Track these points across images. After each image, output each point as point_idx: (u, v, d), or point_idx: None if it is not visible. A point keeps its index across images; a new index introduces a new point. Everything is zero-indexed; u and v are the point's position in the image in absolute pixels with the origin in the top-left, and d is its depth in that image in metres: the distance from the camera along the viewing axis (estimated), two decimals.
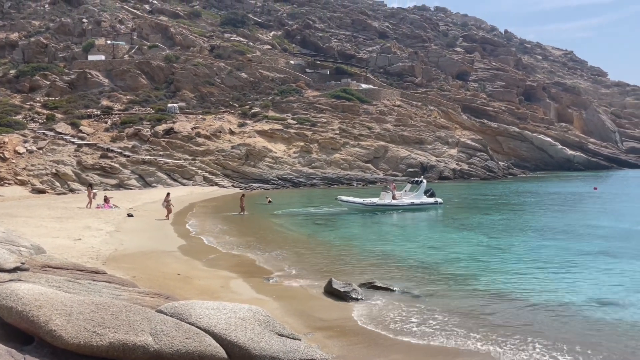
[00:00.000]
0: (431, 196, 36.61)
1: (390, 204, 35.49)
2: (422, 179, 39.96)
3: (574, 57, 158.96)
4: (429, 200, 36.40)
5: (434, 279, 16.02)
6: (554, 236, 23.95)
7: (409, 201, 36.16)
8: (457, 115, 76.66)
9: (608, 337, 11.11)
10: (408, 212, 34.81)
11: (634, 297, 13.96)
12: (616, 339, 10.99)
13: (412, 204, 35.93)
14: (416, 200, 36.27)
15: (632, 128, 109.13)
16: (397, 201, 35.89)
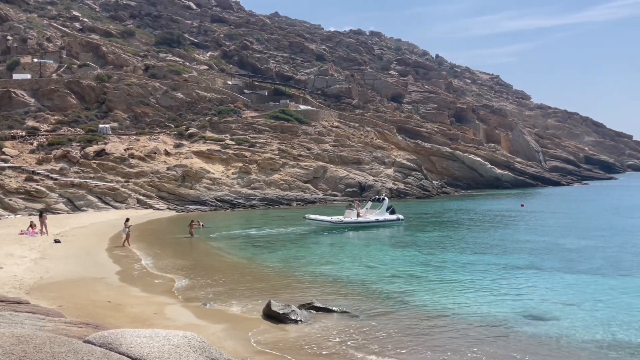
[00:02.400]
0: (392, 213, 37.79)
1: (356, 221, 36.30)
2: (384, 196, 41.17)
3: (500, 81, 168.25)
4: (391, 217, 37.58)
5: (372, 298, 16.20)
6: (486, 251, 24.92)
7: (373, 218, 37.12)
8: (393, 136, 78.77)
9: (542, 353, 11.61)
10: (372, 229, 35.74)
11: (557, 309, 14.70)
12: (550, 353, 11.52)
13: (376, 220, 36.84)
14: (380, 217, 37.15)
15: (554, 148, 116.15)
16: (362, 218, 36.75)
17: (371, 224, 36.63)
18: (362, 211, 37.41)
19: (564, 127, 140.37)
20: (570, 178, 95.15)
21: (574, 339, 12.15)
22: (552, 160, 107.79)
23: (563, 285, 17.52)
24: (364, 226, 36.32)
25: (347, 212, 36.79)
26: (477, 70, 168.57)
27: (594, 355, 11.10)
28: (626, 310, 14.32)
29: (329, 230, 34.64)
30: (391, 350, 11.42)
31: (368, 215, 37.32)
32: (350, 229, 35.47)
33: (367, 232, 34.92)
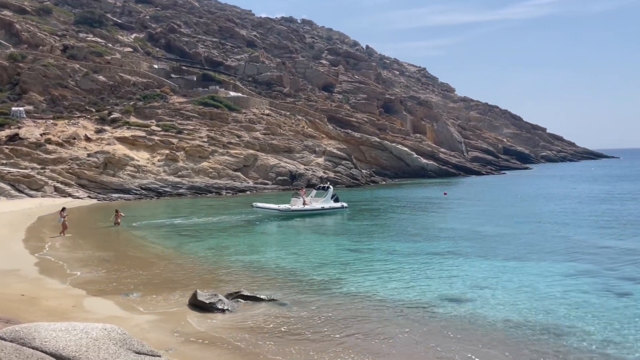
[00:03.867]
0: (337, 201, 38.92)
1: (303, 209, 36.95)
2: (329, 184, 42.38)
3: (427, 74, 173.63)
4: (336, 204, 38.70)
5: (301, 286, 16.36)
6: (411, 238, 25.81)
7: (319, 206, 37.99)
8: (324, 125, 79.35)
9: (459, 333, 12.24)
10: (318, 216, 36.56)
11: (473, 292, 15.53)
12: (468, 334, 12.16)
13: (322, 208, 37.74)
14: (326, 205, 38.13)
15: (476, 139, 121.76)
16: (309, 206, 37.42)
17: (317, 212, 37.52)
18: (307, 199, 38.00)
19: (485, 120, 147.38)
20: (489, 168, 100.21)
21: (487, 318, 12.91)
22: (473, 151, 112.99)
23: (480, 269, 18.50)
24: (310, 214, 37.11)
25: (293, 200, 37.36)
26: (405, 63, 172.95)
27: (504, 333, 11.85)
28: (535, 291, 15.37)
29: (276, 218, 34.96)
30: (319, 335, 11.61)
31: (314, 203, 38.08)
32: (297, 216, 36.03)
33: (304, 220, 35.31)
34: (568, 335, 11.64)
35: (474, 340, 11.35)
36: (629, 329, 11.98)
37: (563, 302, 14.21)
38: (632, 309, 13.44)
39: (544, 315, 13.04)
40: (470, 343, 11.20)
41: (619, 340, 11.26)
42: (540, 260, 19.81)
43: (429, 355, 10.61)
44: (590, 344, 11.10)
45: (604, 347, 10.93)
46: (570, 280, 16.57)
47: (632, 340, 11.28)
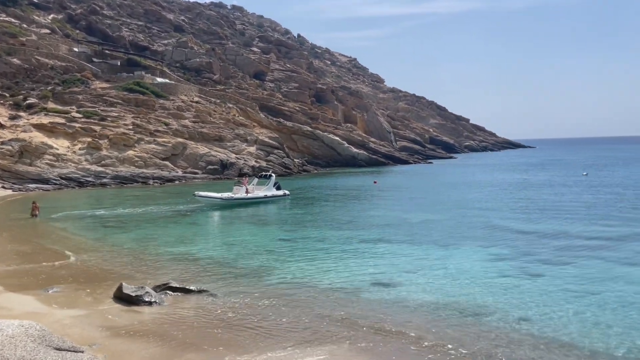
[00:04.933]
0: (279, 189, 39.37)
1: (246, 197, 36.96)
2: (271, 173, 42.88)
3: (357, 64, 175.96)
4: (279, 192, 39.15)
5: (232, 275, 16.22)
6: (342, 226, 26.23)
7: (262, 194, 38.20)
8: (255, 113, 78.57)
9: (387, 313, 12.62)
10: (261, 204, 36.76)
11: (401, 277, 16.08)
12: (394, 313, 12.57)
13: (265, 196, 38.02)
14: (268, 192, 38.45)
15: (404, 129, 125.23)
16: (252, 194, 37.52)
17: (260, 200, 37.74)
18: (250, 187, 38.04)
19: (413, 110, 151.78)
20: (417, 157, 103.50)
21: (414, 301, 13.43)
22: (401, 141, 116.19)
23: (407, 255, 19.15)
24: (253, 202, 37.25)
25: (235, 189, 37.29)
26: (336, 52, 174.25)
27: (430, 314, 12.39)
28: (458, 274, 16.13)
29: (219, 207, 34.58)
30: (249, 325, 11.59)
31: (257, 192, 38.20)
32: (240, 205, 35.98)
33: (247, 208, 35.21)
34: (487, 315, 12.33)
35: (401, 322, 11.76)
36: (542, 307, 12.85)
37: (483, 284, 15.02)
38: (544, 289, 14.42)
39: (466, 297, 13.73)
40: (398, 325, 11.59)
41: (533, 318, 12.07)
42: (464, 245, 20.79)
43: (358, 337, 10.87)
44: (507, 322, 11.83)
45: (519, 324, 11.68)
46: (490, 263, 17.52)
47: (544, 317, 12.12)
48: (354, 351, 10.19)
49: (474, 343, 10.56)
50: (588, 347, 10.34)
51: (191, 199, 35.81)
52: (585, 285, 14.70)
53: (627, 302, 13.07)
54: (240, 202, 36.32)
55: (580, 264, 17.14)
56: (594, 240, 21.16)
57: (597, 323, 11.67)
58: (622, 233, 22.47)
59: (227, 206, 35.21)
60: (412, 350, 10.28)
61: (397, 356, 10.03)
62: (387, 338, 10.87)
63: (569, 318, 12.01)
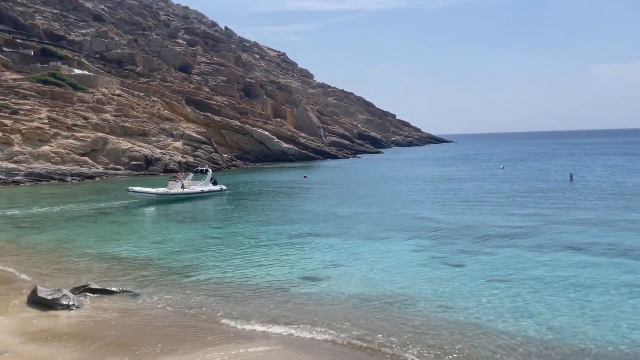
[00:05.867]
0: (215, 184, 39.00)
1: (183, 192, 36.38)
2: (208, 167, 42.59)
3: (286, 59, 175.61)
4: (215, 187, 38.74)
5: (157, 275, 15.73)
6: (271, 221, 26.13)
7: (199, 189, 37.70)
8: (182, 107, 76.46)
9: (318, 308, 12.72)
10: (198, 200, 36.33)
11: (329, 271, 16.27)
12: (327, 308, 12.68)
13: (202, 191, 37.69)
14: (205, 188, 38.14)
15: (333, 124, 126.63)
16: (188, 190, 36.97)
17: (197, 195, 37.25)
18: (186, 182, 37.45)
19: (342, 106, 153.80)
20: (346, 152, 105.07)
21: (342, 294, 13.64)
22: (331, 136, 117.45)
23: (336, 248, 19.41)
24: (190, 197, 36.72)
25: (170, 184, 36.65)
26: (265, 47, 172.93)
27: (357, 306, 12.63)
28: (384, 266, 16.56)
29: (155, 203, 33.73)
30: (174, 325, 11.28)
31: (193, 187, 37.71)
32: (176, 200, 35.39)
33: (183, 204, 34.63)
34: (411, 304, 12.75)
35: (331, 315, 11.91)
36: (461, 295, 13.47)
37: (409, 274, 15.51)
38: (464, 278, 15.12)
39: (392, 288, 14.12)
40: (328, 317, 11.73)
41: (453, 305, 12.61)
42: (390, 237, 21.36)
43: (289, 331, 10.88)
44: (430, 310, 12.29)
45: (440, 312, 12.17)
46: (415, 254, 18.13)
47: (462, 304, 12.70)
48: (285, 346, 10.19)
49: (400, 331, 10.88)
50: (503, 330, 10.94)
51: (122, 195, 34.77)
52: (502, 272, 15.55)
53: (540, 287, 13.95)
54: (176, 198, 35.88)
55: (498, 253, 18.11)
56: (510, 229, 22.43)
57: (512, 307, 12.38)
58: (536, 223, 23.96)
59: (162, 202, 34.57)
60: (343, 342, 10.42)
61: (328, 348, 10.14)
62: (318, 331, 10.96)
63: (486, 304, 12.66)
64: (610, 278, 14.60)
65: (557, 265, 16.20)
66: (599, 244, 18.96)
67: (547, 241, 19.81)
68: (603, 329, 10.96)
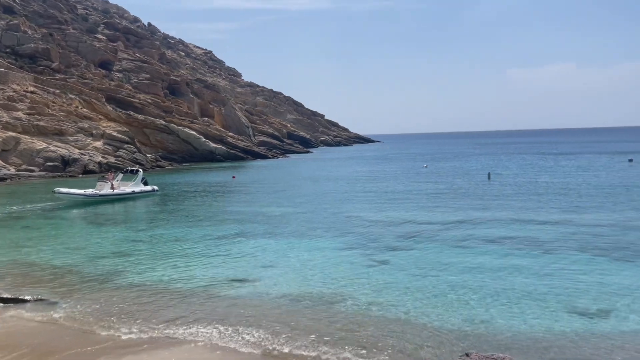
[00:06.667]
0: (146, 184, 38.23)
1: (113, 193, 35.33)
2: (138, 168, 41.87)
3: (213, 57, 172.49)
4: (147, 188, 37.97)
5: (75, 282, 14.94)
6: (198, 223, 25.56)
7: (130, 190, 36.84)
8: (102, 105, 73.07)
9: (247, 311, 12.57)
10: (129, 201, 35.51)
11: (259, 272, 16.17)
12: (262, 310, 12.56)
13: (133, 192, 36.86)
14: (136, 188, 37.30)
15: (262, 124, 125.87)
16: (118, 190, 35.94)
17: (127, 196, 36.23)
18: (115, 183, 36.31)
19: (271, 105, 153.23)
20: (275, 152, 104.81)
21: (272, 295, 13.60)
22: (260, 135, 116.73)
23: (265, 249, 19.33)
24: (120, 198, 35.64)
25: (98, 185, 35.49)
26: (191, 44, 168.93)
27: (286, 306, 12.65)
28: (313, 266, 16.69)
29: (83, 205, 32.36)
30: (93, 333, 10.76)
31: (123, 187, 36.67)
32: (105, 201, 34.29)
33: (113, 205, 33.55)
34: (339, 302, 12.94)
35: (260, 316, 11.83)
36: (389, 291, 13.83)
37: (335, 272, 15.72)
38: (390, 274, 15.54)
39: (321, 287, 14.25)
40: (257, 319, 11.64)
41: (380, 301, 12.93)
42: (319, 236, 21.54)
43: (215, 335, 10.69)
44: (357, 307, 12.52)
45: (368, 309, 12.44)
46: (341, 252, 18.40)
47: (389, 299, 13.05)
48: (212, 349, 10.00)
49: (330, 330, 11.00)
50: (430, 324, 11.35)
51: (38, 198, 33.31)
52: (427, 267, 16.13)
53: (463, 280, 14.60)
54: (106, 199, 34.78)
55: (423, 249, 18.76)
56: (433, 226, 23.30)
57: (437, 301, 12.87)
58: (457, 219, 25.05)
59: (90, 203, 33.34)
60: (271, 343, 10.38)
61: (256, 350, 10.06)
62: (246, 334, 10.85)
63: (413, 299, 13.08)
64: (527, 270, 15.53)
65: (478, 259, 17.03)
66: (515, 239, 20.14)
67: (468, 237, 20.76)
68: (524, 317, 11.64)
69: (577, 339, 10.39)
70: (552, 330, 10.85)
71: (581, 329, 10.94)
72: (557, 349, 9.96)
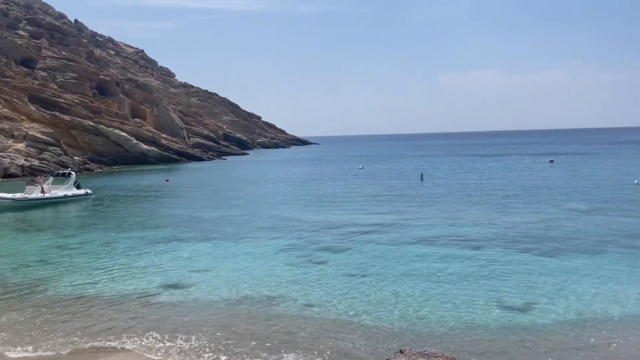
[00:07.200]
0: (79, 187, 37.00)
1: (44, 197, 33.95)
2: (70, 170, 40.49)
3: (145, 56, 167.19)
4: (80, 191, 36.83)
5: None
6: (130, 228, 24.67)
7: (62, 193, 35.74)
8: (24, 105, 68.96)
9: (184, 317, 12.24)
10: (60, 205, 34.15)
11: (194, 276, 15.83)
12: (186, 315, 12.24)
13: (65, 196, 35.72)
14: (68, 192, 36.20)
15: (197, 125, 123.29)
16: (49, 194, 34.63)
17: (59, 200, 34.91)
18: (46, 187, 34.81)
19: (206, 106, 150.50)
20: (211, 154, 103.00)
21: (207, 299, 13.35)
22: (195, 137, 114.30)
23: (200, 252, 18.94)
24: (52, 202, 34.22)
25: (28, 189, 34.01)
26: (121, 42, 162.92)
27: (223, 311, 12.47)
28: (249, 268, 16.54)
29: (10, 210, 30.87)
30: (19, 346, 10.13)
31: (55, 191, 35.35)
32: (36, 206, 32.79)
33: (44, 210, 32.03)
34: (277, 305, 12.89)
35: (197, 323, 11.57)
36: (325, 291, 13.93)
37: (273, 275, 15.65)
38: (327, 275, 15.66)
39: (259, 290, 14.14)
40: (195, 325, 11.38)
41: (318, 302, 13.00)
42: (255, 238, 21.37)
43: (150, 343, 10.35)
44: (295, 308, 12.53)
45: (306, 309, 12.47)
46: (279, 255, 18.36)
47: (326, 300, 13.14)
48: (147, 358, 9.67)
49: (267, 334, 10.93)
50: (365, 322, 11.54)
51: None
52: (362, 267, 16.38)
53: (398, 279, 14.95)
54: (36, 203, 33.22)
55: (358, 249, 19.05)
56: (369, 226, 23.72)
57: (372, 299, 13.09)
58: (392, 219, 25.64)
59: (19, 208, 31.67)
60: (210, 351, 10.18)
61: (192, 357, 9.83)
62: (183, 340, 10.58)
63: (348, 298, 13.24)
64: (459, 267, 16.12)
65: (412, 258, 17.50)
66: (448, 237, 20.87)
67: (402, 236, 21.30)
68: (456, 312, 12.06)
69: (506, 332, 10.90)
70: (483, 324, 11.33)
71: (509, 322, 11.49)
72: (487, 342, 10.41)
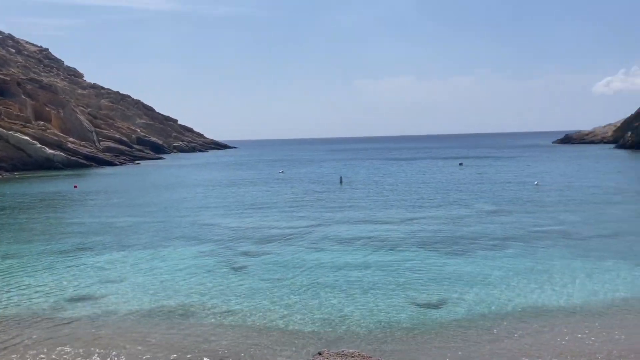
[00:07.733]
0: None
1: None
2: None
3: (50, 55, 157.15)
4: None
5: None
6: (34, 238, 23.03)
7: None
8: None
9: (90, 334, 11.55)
10: None
11: (104, 287, 15.04)
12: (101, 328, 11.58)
13: None
14: None
15: (108, 128, 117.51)
16: None
17: None
18: None
19: (118, 109, 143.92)
20: (123, 158, 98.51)
21: (123, 311, 12.73)
22: (106, 141, 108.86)
23: (113, 263, 18.04)
24: None
25: None
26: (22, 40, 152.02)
27: (138, 323, 11.93)
28: (165, 277, 15.98)
29: None
30: None
31: None
32: None
33: None
34: (196, 313, 12.55)
35: (111, 336, 10.99)
36: (245, 298, 13.76)
37: (191, 283, 15.24)
38: (247, 280, 15.48)
39: (175, 298, 13.70)
40: (109, 339, 10.80)
41: (238, 309, 12.80)
42: (172, 245, 20.71)
43: None
44: (215, 317, 12.26)
45: (226, 317, 12.24)
46: (197, 261, 17.90)
47: (246, 306, 12.96)
48: None
49: (185, 344, 10.60)
50: (285, 327, 11.53)
51: None
52: (282, 271, 16.37)
53: (316, 282, 15.07)
54: None
55: (278, 253, 19.02)
56: (289, 230, 23.76)
57: (292, 304, 13.10)
58: (311, 222, 25.85)
59: None
60: None
61: None
62: (99, 356, 9.99)
63: (268, 303, 13.16)
64: (376, 267, 16.53)
65: (332, 260, 17.73)
66: (366, 238, 21.36)
67: (322, 239, 21.53)
68: (374, 312, 12.34)
69: (422, 328, 11.33)
70: (398, 322, 11.69)
71: (424, 318, 11.95)
72: (403, 339, 10.75)
